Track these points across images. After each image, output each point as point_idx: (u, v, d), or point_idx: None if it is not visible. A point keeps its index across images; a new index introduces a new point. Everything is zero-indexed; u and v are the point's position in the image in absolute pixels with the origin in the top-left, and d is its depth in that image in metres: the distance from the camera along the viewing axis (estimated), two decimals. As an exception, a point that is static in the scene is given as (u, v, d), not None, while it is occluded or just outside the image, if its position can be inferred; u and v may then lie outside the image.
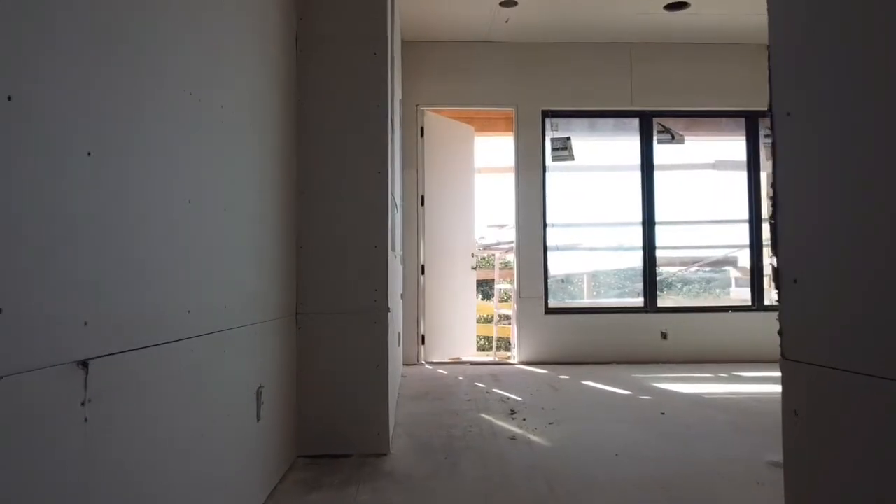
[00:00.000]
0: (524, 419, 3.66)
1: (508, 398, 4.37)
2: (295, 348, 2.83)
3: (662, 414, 3.80)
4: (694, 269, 8.51)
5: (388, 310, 2.91)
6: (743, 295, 8.01)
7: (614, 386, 4.83)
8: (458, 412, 3.90)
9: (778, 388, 1.34)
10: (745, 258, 7.74)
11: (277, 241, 2.54)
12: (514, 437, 3.24)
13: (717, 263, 7.96)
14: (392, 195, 3.37)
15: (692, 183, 8.31)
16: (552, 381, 5.12)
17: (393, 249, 3.70)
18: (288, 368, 2.69)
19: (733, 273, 8.35)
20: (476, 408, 4.04)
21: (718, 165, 7.88)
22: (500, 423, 3.60)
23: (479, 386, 4.91)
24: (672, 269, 8.08)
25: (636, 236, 6.62)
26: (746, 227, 6.93)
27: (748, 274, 7.96)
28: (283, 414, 2.58)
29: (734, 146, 8.15)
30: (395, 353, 4.09)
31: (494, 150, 8.57)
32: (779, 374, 1.32)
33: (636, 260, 6.86)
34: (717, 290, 8.45)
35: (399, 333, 4.81)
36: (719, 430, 3.39)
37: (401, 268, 5.73)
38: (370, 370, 2.88)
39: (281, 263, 2.59)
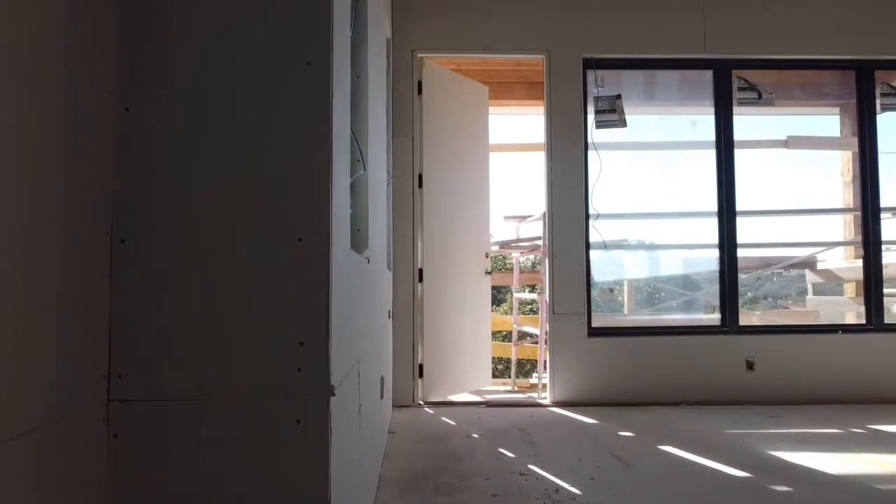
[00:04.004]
0: (605, 561, 1.98)
1: (558, 488, 2.69)
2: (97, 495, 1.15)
3: (849, 543, 2.12)
4: (758, 272, 6.82)
5: (329, 391, 1.23)
6: (822, 305, 6.36)
7: (710, 456, 3.14)
8: (481, 534, 2.22)
9: None
10: (831, 259, 6.09)
11: (27, 222, 0.87)
12: None
13: (798, 266, 6.25)
14: (350, 131, 1.68)
15: (757, 164, 6.60)
16: (613, 444, 3.42)
17: (364, 247, 2.01)
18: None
19: (810, 277, 6.67)
20: (509, 517, 2.36)
21: (792, 143, 6.20)
22: (562, 573, 1.92)
23: (505, 455, 3.22)
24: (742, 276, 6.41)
25: (706, 231, 4.92)
26: (846, 219, 5.22)
27: (833, 278, 6.32)
28: None
29: (816, 120, 6.53)
30: (375, 415, 2.41)
31: (510, 125, 6.90)
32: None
33: (705, 262, 5.20)
34: (793, 298, 6.75)
35: (382, 378, 3.12)
36: None
37: (389, 274, 4.05)
38: (285, 539, 1.19)
39: (33, 282, 0.91)
